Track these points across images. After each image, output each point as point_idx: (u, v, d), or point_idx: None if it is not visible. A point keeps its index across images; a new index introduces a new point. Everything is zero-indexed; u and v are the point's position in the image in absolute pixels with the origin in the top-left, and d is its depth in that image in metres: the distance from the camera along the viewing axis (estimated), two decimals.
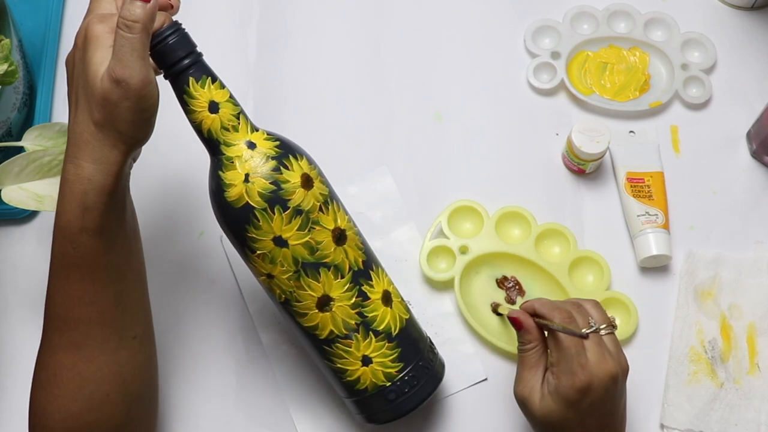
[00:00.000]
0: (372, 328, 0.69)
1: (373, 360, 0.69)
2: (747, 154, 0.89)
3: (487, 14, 0.95)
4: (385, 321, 0.70)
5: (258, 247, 0.67)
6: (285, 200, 0.66)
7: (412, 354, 0.71)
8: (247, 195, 0.66)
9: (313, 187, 0.68)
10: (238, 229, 0.67)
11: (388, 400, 0.70)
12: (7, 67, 0.77)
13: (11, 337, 0.82)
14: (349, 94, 0.92)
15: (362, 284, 0.70)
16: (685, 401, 0.78)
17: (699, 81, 0.91)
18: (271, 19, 0.95)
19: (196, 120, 0.67)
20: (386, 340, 0.70)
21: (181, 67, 0.66)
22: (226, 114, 0.67)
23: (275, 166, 0.67)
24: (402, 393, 0.70)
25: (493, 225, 0.83)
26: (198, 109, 0.67)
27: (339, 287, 0.68)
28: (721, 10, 0.95)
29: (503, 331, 0.81)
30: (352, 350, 0.69)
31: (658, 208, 0.84)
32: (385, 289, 0.71)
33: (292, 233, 0.67)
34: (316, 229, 0.68)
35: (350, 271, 0.69)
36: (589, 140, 0.83)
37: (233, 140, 0.67)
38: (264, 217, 0.66)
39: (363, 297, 0.69)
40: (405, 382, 0.70)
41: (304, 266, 0.67)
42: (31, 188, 0.76)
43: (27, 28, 0.91)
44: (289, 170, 0.67)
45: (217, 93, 0.67)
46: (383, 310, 0.70)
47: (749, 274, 0.83)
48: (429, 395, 0.72)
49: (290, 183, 0.67)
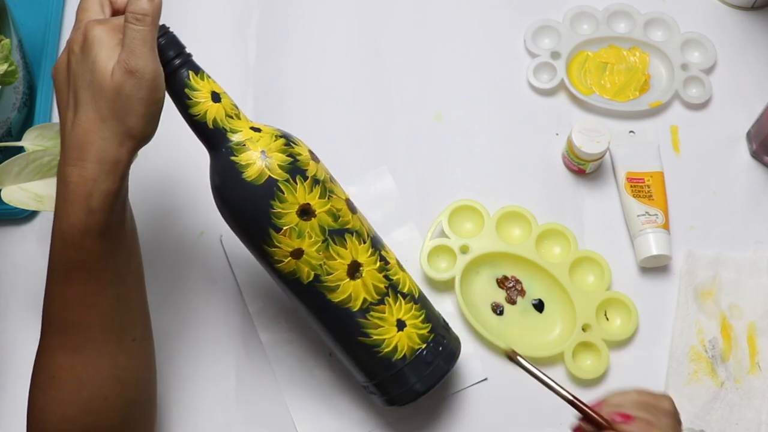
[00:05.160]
0: (399, 291, 0.71)
1: (407, 323, 0.71)
2: (747, 154, 0.89)
3: (487, 14, 0.95)
4: (407, 284, 0.72)
5: (285, 223, 0.67)
6: (303, 170, 0.68)
7: (433, 316, 0.73)
8: (269, 169, 0.67)
9: (319, 161, 0.71)
10: (262, 208, 0.67)
11: (427, 363, 0.71)
12: (7, 67, 0.77)
13: (11, 337, 0.82)
14: (349, 93, 0.92)
15: (380, 249, 0.72)
16: (686, 400, 0.78)
17: (699, 81, 0.91)
18: (271, 19, 0.95)
19: (201, 112, 0.68)
20: (413, 302, 0.72)
21: (177, 64, 0.67)
22: (227, 103, 0.69)
23: (286, 141, 0.69)
24: (437, 353, 0.71)
25: (493, 225, 0.83)
26: (202, 99, 0.67)
27: (364, 252, 0.70)
28: (721, 10, 0.95)
29: (504, 331, 0.81)
30: (387, 315, 0.70)
31: (658, 208, 0.84)
32: (396, 259, 0.74)
33: (316, 201, 0.68)
34: (333, 197, 0.69)
35: (368, 236, 0.71)
36: (589, 140, 0.84)
37: (239, 126, 0.68)
38: (288, 188, 0.67)
39: (384, 261, 0.71)
40: (436, 341, 0.72)
41: (331, 234, 0.68)
42: (31, 188, 0.76)
43: (27, 28, 0.91)
44: (298, 146, 0.70)
45: (215, 85, 0.69)
46: (402, 274, 0.73)
47: (749, 274, 0.83)
48: (457, 356, 0.73)
49: (303, 155, 0.69)
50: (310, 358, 0.81)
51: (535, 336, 0.81)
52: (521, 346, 0.80)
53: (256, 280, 0.83)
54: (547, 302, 0.82)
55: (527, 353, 0.79)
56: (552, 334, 0.81)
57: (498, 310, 0.82)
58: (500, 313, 0.82)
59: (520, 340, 0.81)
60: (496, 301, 0.82)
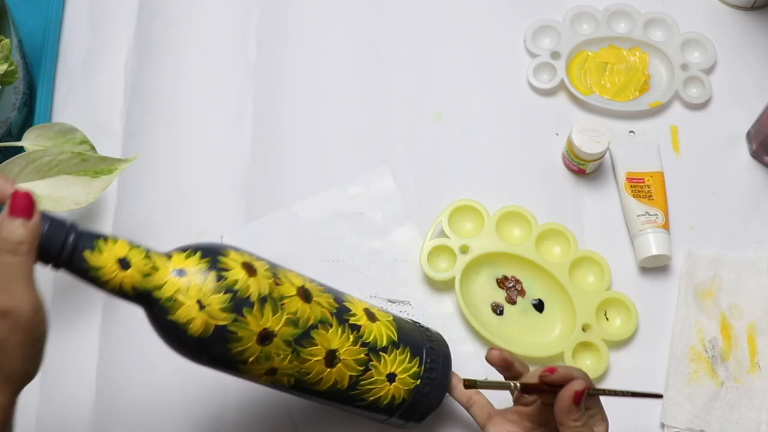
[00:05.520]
0: (379, 349, 0.69)
1: (396, 373, 0.70)
2: (747, 154, 0.89)
3: (487, 14, 0.95)
4: (383, 335, 0.70)
5: (248, 356, 0.63)
6: (246, 298, 0.62)
7: (417, 344, 0.72)
8: (212, 318, 0.60)
9: (257, 272, 0.63)
10: (220, 353, 0.62)
11: (424, 393, 0.71)
12: (7, 67, 0.77)
13: None
14: (349, 93, 0.92)
15: (347, 319, 0.68)
16: (686, 400, 0.78)
17: (699, 81, 0.91)
18: (271, 19, 0.95)
19: (115, 286, 0.59)
20: (395, 349, 0.70)
21: (69, 248, 0.58)
22: (138, 262, 0.60)
23: (216, 275, 0.61)
24: (431, 379, 0.71)
25: (493, 225, 0.83)
26: (111, 275, 0.59)
27: (335, 335, 0.67)
28: (721, 10, 0.95)
29: (503, 331, 0.81)
30: (375, 378, 0.69)
31: (658, 208, 0.84)
32: (364, 308, 0.71)
33: (271, 321, 0.63)
34: (285, 304, 0.64)
35: (332, 316, 0.67)
36: (589, 140, 0.84)
37: (161, 280, 0.60)
38: (239, 326, 0.61)
39: (355, 330, 0.68)
40: (428, 369, 0.71)
41: (297, 340, 0.64)
42: (31, 188, 0.76)
43: (27, 28, 0.91)
44: (230, 269, 0.62)
45: (116, 248, 0.60)
46: (376, 327, 0.70)
47: (749, 274, 0.83)
48: (450, 360, 0.73)
49: (239, 280, 0.62)
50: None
51: (535, 336, 0.81)
52: (521, 346, 0.80)
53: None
54: (547, 302, 0.82)
55: (527, 353, 0.79)
56: (552, 334, 0.81)
57: (498, 310, 0.82)
58: (500, 313, 0.82)
59: (520, 340, 0.81)
60: (496, 301, 0.82)
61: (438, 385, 0.72)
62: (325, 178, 0.88)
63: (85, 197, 0.76)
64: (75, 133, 0.80)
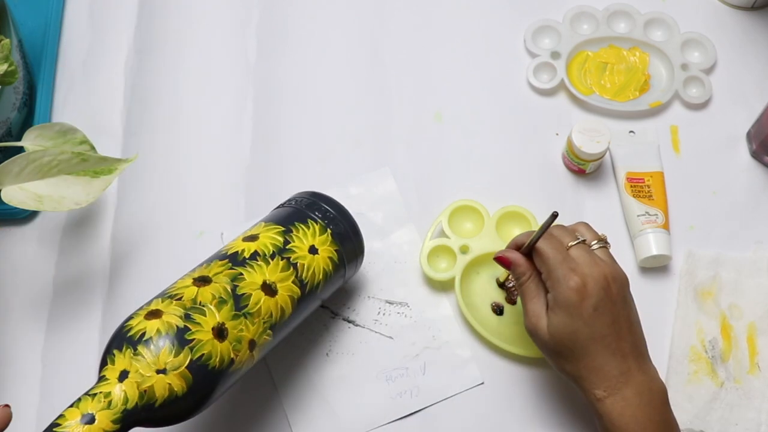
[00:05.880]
0: (281, 249, 0.72)
1: (314, 245, 0.74)
2: (747, 154, 0.89)
3: (487, 14, 0.95)
4: (268, 245, 0.72)
5: (222, 354, 0.65)
6: (181, 329, 0.63)
7: (300, 215, 0.76)
8: (177, 367, 0.62)
9: (161, 313, 0.65)
10: (210, 375, 0.64)
11: (343, 233, 0.76)
12: (7, 67, 0.77)
13: (11, 336, 0.82)
14: (349, 93, 0.92)
15: (242, 261, 0.70)
16: (686, 400, 0.78)
17: (699, 81, 0.91)
18: (271, 19, 0.95)
19: None
20: (289, 232, 0.74)
21: None
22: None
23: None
24: (334, 219, 0.76)
25: (493, 225, 0.83)
26: None
27: (254, 276, 0.69)
28: (721, 10, 0.95)
29: (503, 331, 0.81)
30: (304, 263, 0.73)
31: (658, 208, 0.84)
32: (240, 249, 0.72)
33: (216, 317, 0.66)
34: (197, 300, 0.66)
35: (232, 266, 0.70)
36: (589, 140, 0.84)
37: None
38: (199, 345, 0.63)
39: (253, 259, 0.71)
40: (326, 219, 0.76)
41: (238, 309, 0.67)
42: (31, 188, 0.76)
43: (27, 28, 0.91)
44: (144, 329, 0.64)
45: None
46: (259, 244, 0.72)
47: (749, 274, 0.83)
48: (329, 198, 0.78)
49: (144, 328, 0.64)
50: (307, 359, 0.81)
51: None
52: (521, 346, 0.80)
53: None
54: None
55: (527, 353, 0.79)
56: None
57: (498, 310, 0.82)
58: (500, 313, 0.82)
59: (520, 340, 0.81)
60: (496, 301, 0.82)
61: (342, 219, 0.76)
62: (324, 177, 0.88)
63: (85, 197, 0.76)
64: (75, 133, 0.80)
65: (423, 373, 0.80)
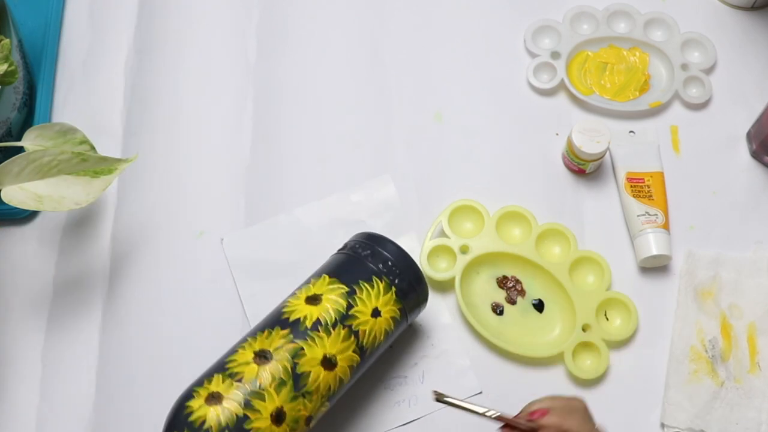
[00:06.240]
0: (344, 315, 0.71)
1: (377, 307, 0.73)
2: (747, 154, 0.89)
3: (487, 14, 0.95)
4: (330, 309, 0.71)
5: None
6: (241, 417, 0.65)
7: (366, 270, 0.74)
8: None
9: (222, 398, 0.66)
10: None
11: (405, 289, 0.75)
12: (7, 67, 0.77)
13: (12, 336, 0.82)
14: (349, 94, 0.92)
15: (304, 331, 0.70)
16: (686, 400, 0.78)
17: (699, 81, 0.91)
18: (271, 19, 0.95)
19: None
20: (356, 291, 0.72)
21: None
22: None
23: None
24: (399, 274, 0.74)
25: (493, 225, 0.83)
26: None
27: (314, 351, 0.69)
28: (721, 10, 0.95)
29: (503, 331, 0.81)
30: (365, 328, 0.72)
31: (658, 208, 0.84)
32: (304, 300, 0.72)
33: (275, 401, 0.67)
34: (262, 388, 0.67)
35: (292, 340, 0.69)
36: (589, 140, 0.84)
37: None
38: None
39: (315, 329, 0.70)
40: (390, 273, 0.74)
41: (297, 390, 0.68)
42: (31, 188, 0.76)
43: (27, 28, 0.91)
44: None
45: None
46: (319, 309, 0.71)
47: (749, 274, 0.83)
48: (397, 246, 0.76)
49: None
50: None
51: (535, 336, 0.81)
52: (521, 346, 0.80)
53: (255, 284, 0.83)
54: (547, 302, 0.82)
55: (527, 353, 0.79)
56: (552, 334, 0.81)
57: (498, 310, 0.82)
58: (500, 313, 0.82)
59: (520, 340, 0.81)
60: (496, 301, 0.82)
61: (406, 270, 0.74)
62: (324, 177, 0.88)
63: (85, 197, 0.76)
64: (75, 133, 0.80)
65: (422, 381, 0.80)
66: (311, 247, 0.84)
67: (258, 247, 0.85)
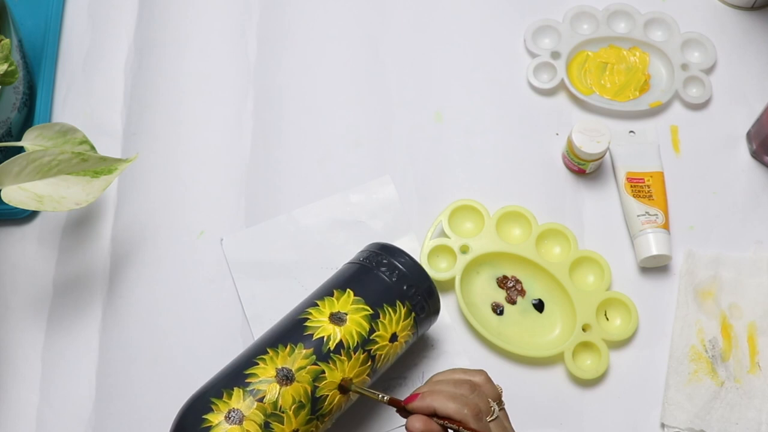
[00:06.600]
0: (364, 340, 0.70)
1: (396, 332, 0.72)
2: (747, 154, 0.89)
3: (487, 14, 0.95)
4: (352, 332, 0.70)
5: None
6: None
7: (389, 293, 0.73)
8: None
9: (243, 419, 0.65)
10: None
11: (422, 308, 0.75)
12: (7, 67, 0.77)
13: (12, 336, 0.82)
14: (349, 93, 0.92)
15: (325, 353, 0.69)
16: (686, 400, 0.78)
17: (699, 81, 0.91)
18: (271, 19, 0.95)
19: None
20: (375, 318, 0.71)
21: None
22: None
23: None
24: (418, 295, 0.74)
25: (493, 225, 0.83)
26: None
27: (334, 374, 0.69)
28: (721, 10, 0.95)
29: (503, 331, 0.81)
30: (384, 353, 0.72)
31: (658, 208, 0.84)
32: (326, 321, 0.71)
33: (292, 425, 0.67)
34: (282, 407, 0.66)
35: (315, 362, 0.69)
36: (589, 140, 0.84)
37: None
38: None
39: (330, 358, 0.69)
40: (411, 298, 0.74)
41: (314, 412, 0.68)
42: (31, 188, 0.76)
43: (27, 28, 0.91)
44: None
45: None
46: (344, 330, 0.70)
47: (749, 273, 0.83)
48: (420, 269, 0.75)
49: None
50: None
51: (535, 336, 0.81)
52: (521, 346, 0.80)
53: (254, 284, 0.83)
54: (547, 302, 0.82)
55: (527, 353, 0.79)
56: (552, 334, 0.81)
57: (498, 310, 0.82)
58: (500, 313, 0.82)
59: (520, 340, 0.81)
60: (496, 301, 0.82)
61: (425, 294, 0.74)
62: (324, 177, 0.88)
63: (85, 197, 0.76)
64: (75, 133, 0.80)
65: (422, 382, 0.80)
66: (311, 247, 0.84)
67: (258, 247, 0.85)
